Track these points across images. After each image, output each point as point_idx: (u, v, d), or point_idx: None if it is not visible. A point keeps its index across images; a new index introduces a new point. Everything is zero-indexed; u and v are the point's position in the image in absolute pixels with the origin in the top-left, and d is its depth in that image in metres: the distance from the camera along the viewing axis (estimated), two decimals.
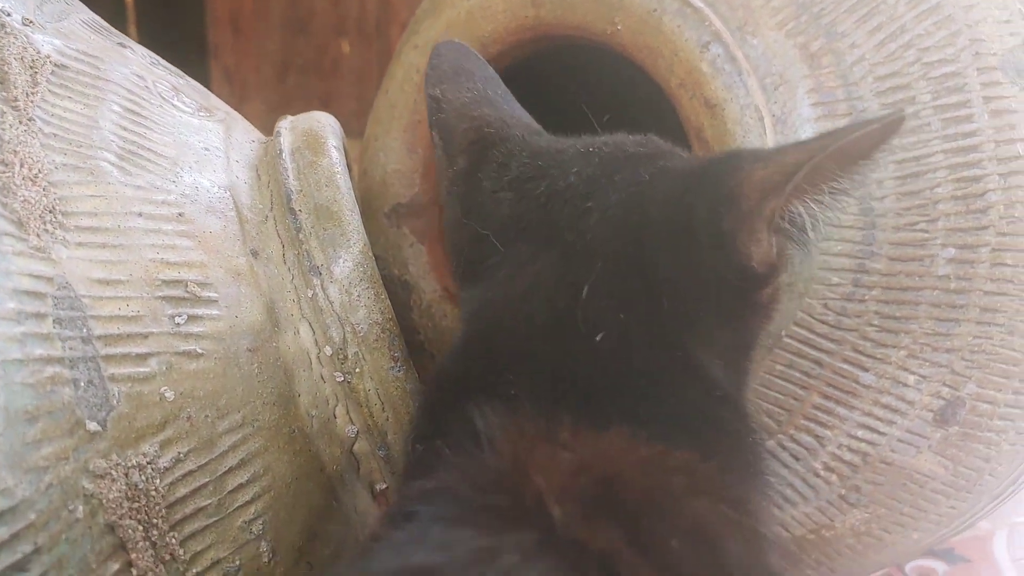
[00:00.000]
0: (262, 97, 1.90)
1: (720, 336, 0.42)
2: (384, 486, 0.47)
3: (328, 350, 0.44)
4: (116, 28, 0.52)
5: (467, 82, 0.50)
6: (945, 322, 0.55)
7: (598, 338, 0.38)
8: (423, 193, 0.66)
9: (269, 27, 1.94)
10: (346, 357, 0.44)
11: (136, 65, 0.47)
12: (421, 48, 0.64)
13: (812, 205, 0.39)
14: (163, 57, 0.53)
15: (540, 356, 0.39)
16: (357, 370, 0.44)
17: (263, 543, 0.41)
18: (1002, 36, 0.55)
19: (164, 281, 0.39)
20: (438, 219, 0.66)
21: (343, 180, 0.46)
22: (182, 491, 0.38)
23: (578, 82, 0.77)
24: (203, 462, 0.38)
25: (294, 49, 1.90)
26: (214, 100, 0.51)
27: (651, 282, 0.40)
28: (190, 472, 0.38)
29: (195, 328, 0.39)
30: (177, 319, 0.39)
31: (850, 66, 0.55)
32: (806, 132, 0.55)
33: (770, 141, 0.54)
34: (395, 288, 0.65)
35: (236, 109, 0.55)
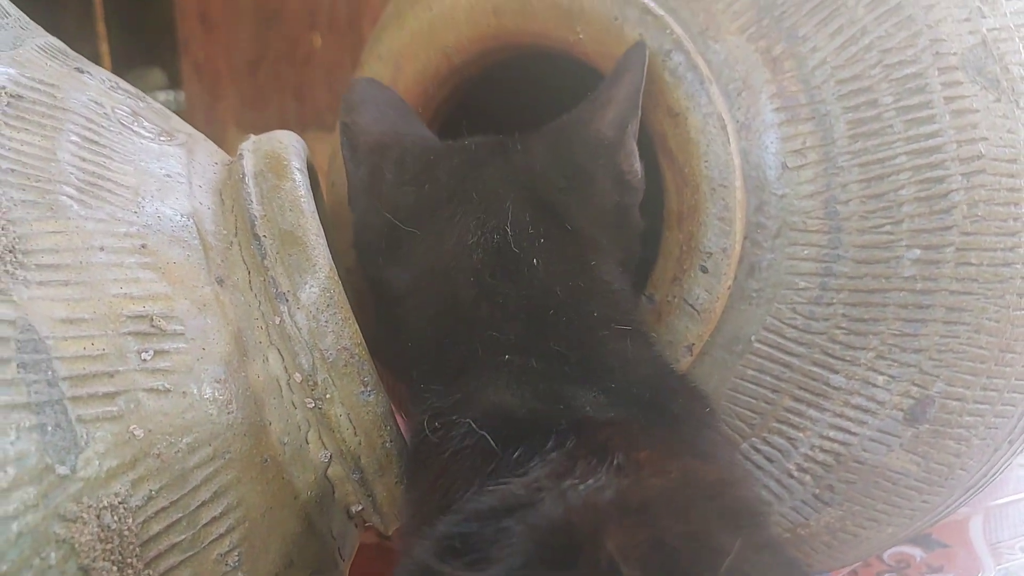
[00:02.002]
0: (234, 91, 1.89)
1: (614, 251, 0.53)
2: (360, 507, 0.47)
3: (298, 377, 0.44)
4: (84, 26, 0.52)
5: (372, 109, 0.58)
6: (912, 322, 0.55)
7: (535, 261, 0.48)
8: None
9: (239, 20, 1.92)
10: (316, 383, 0.44)
11: (94, 91, 0.47)
12: (385, 58, 0.64)
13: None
14: (134, 53, 0.53)
15: (503, 300, 0.48)
16: (328, 396, 0.44)
17: (240, 574, 0.41)
18: (961, 35, 0.56)
19: (129, 316, 0.39)
20: None
21: (307, 204, 0.46)
22: (155, 528, 0.38)
23: (548, 91, 0.77)
24: (175, 498, 0.38)
25: (265, 42, 1.88)
26: (175, 122, 0.51)
27: (554, 215, 0.51)
28: (163, 509, 0.38)
29: (162, 363, 0.39)
30: (143, 355, 0.39)
31: (812, 70, 0.56)
32: (770, 137, 0.55)
33: (733, 147, 0.54)
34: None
35: (209, 103, 0.55)
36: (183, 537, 0.39)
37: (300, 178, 0.47)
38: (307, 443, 0.44)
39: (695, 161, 0.54)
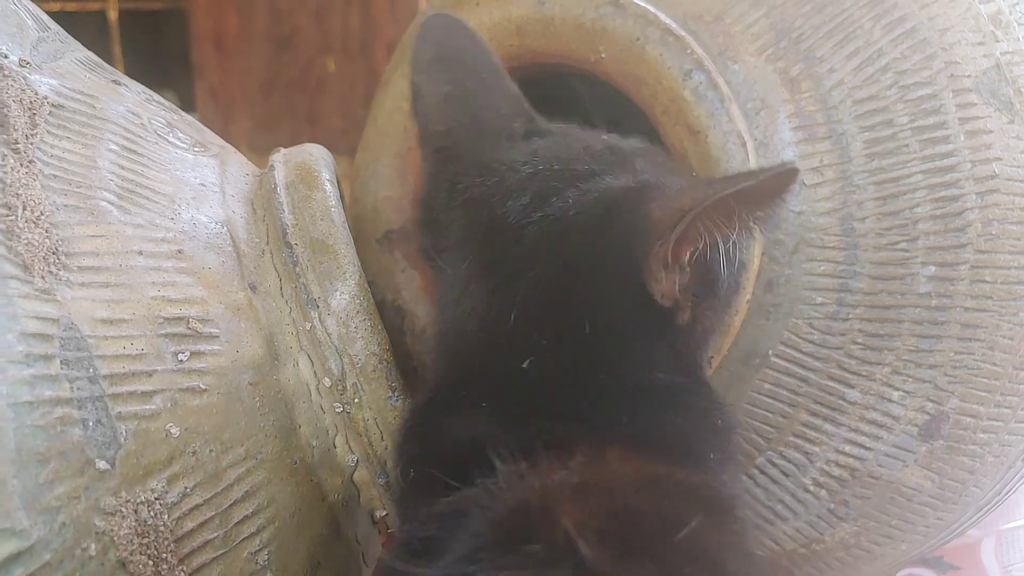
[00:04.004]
0: (248, 115, 1.91)
1: (657, 351, 0.44)
2: (384, 513, 0.48)
3: (327, 381, 0.45)
4: (100, 48, 0.53)
5: (446, 72, 0.52)
6: (927, 339, 0.56)
7: (524, 364, 0.41)
8: (414, 219, 0.67)
9: (253, 45, 1.95)
10: (345, 388, 0.45)
11: (131, 102, 0.48)
12: (409, 76, 0.65)
13: (718, 241, 0.41)
14: (148, 76, 0.54)
15: (498, 380, 0.42)
16: (356, 400, 0.45)
17: (269, 573, 0.42)
18: (976, 58, 0.57)
19: (166, 319, 0.40)
20: None
21: (337, 214, 0.47)
22: (190, 525, 0.38)
23: (575, 105, 0.78)
24: (209, 496, 0.39)
25: (279, 67, 1.90)
26: (208, 135, 0.52)
27: (575, 308, 0.42)
28: (197, 506, 0.39)
29: (198, 364, 0.40)
30: (180, 356, 0.40)
31: (829, 90, 0.57)
32: (787, 155, 0.56)
33: (752, 164, 0.55)
34: (389, 313, 0.66)
35: (222, 127, 0.56)
36: (216, 535, 0.39)
37: (331, 188, 0.48)
38: (335, 447, 0.45)
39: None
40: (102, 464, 0.35)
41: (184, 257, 0.43)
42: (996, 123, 0.57)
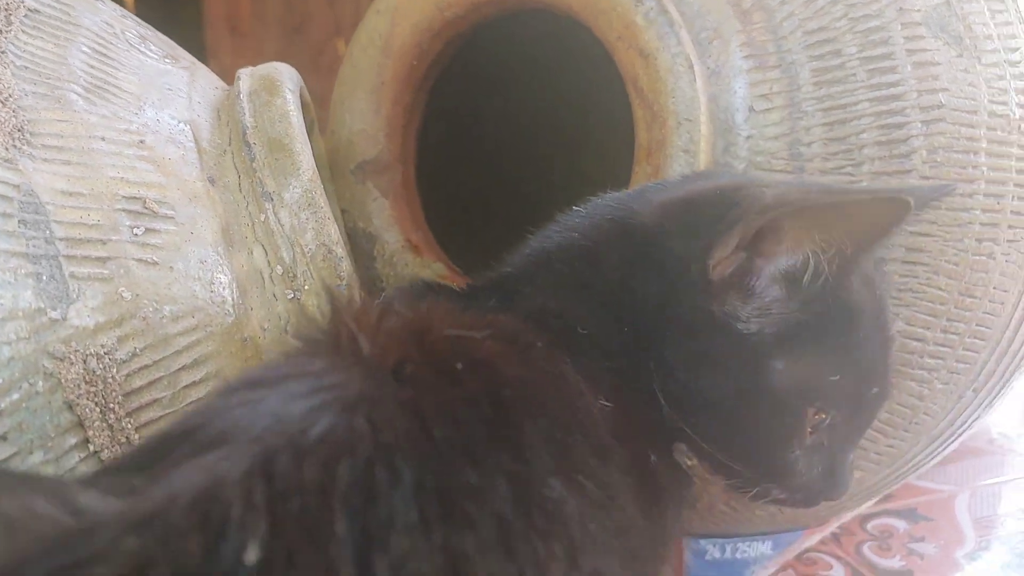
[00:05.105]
0: None
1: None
2: None
3: (279, 269, 0.47)
4: None
5: None
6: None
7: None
8: (387, 151, 0.69)
9: (266, 28, 1.97)
10: (295, 275, 0.47)
11: (107, 15, 0.51)
12: (383, 12, 0.68)
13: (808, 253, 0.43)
14: None
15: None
16: (306, 287, 0.47)
17: None
18: None
19: (124, 196, 0.43)
20: (401, 176, 0.70)
21: (296, 117, 0.50)
22: (138, 383, 0.41)
23: (540, 50, 0.81)
24: (158, 358, 0.42)
25: (291, 50, 1.93)
26: (181, 52, 0.55)
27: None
28: (145, 366, 0.42)
29: (152, 240, 0.43)
30: (135, 230, 0.43)
31: (780, 21, 0.59)
32: (738, 82, 0.59)
33: (700, 85, 0.57)
34: (360, 240, 0.68)
35: None
36: (163, 395, 0.42)
37: (290, 96, 0.51)
38: (286, 332, 0.48)
39: (663, 98, 0.57)
40: (54, 314, 0.38)
41: (145, 147, 0.46)
42: (944, 56, 0.59)
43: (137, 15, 0.52)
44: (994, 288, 0.59)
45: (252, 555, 0.24)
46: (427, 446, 0.30)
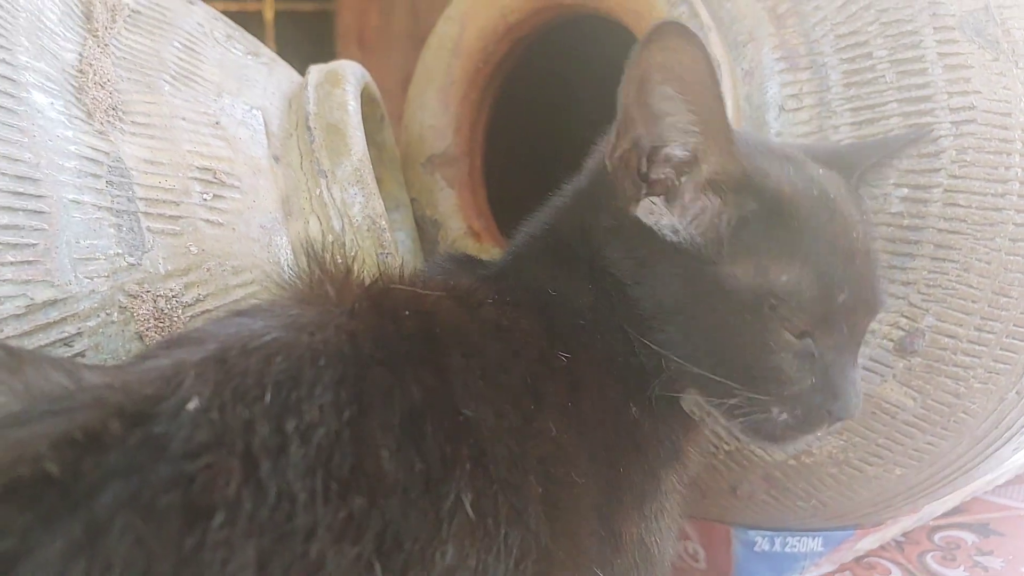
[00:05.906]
0: (386, 108, 2.05)
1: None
2: None
3: (330, 237, 0.54)
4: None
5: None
6: (900, 256, 0.60)
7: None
8: (455, 145, 0.76)
9: (392, 42, 2.08)
10: (344, 243, 0.54)
11: (200, 17, 0.60)
12: (453, 19, 0.75)
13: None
14: (299, 70, 0.65)
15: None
16: (352, 254, 0.54)
17: None
18: (962, 0, 0.61)
19: (197, 167, 0.51)
20: (468, 168, 0.76)
21: (352, 106, 0.56)
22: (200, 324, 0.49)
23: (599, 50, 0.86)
24: (218, 304, 0.49)
25: (414, 62, 2.02)
26: (264, 49, 0.63)
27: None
28: (207, 310, 0.49)
29: (219, 204, 0.51)
30: (205, 196, 0.50)
31: (813, 26, 0.63)
32: (770, 83, 0.62)
33: (727, 85, 0.61)
34: (426, 226, 0.75)
35: None
36: None
37: (350, 88, 0.58)
38: None
39: None
40: (130, 259, 0.46)
41: (220, 127, 0.53)
42: (978, 59, 0.61)
43: (276, 31, 0.60)
44: None
45: (193, 404, 0.32)
46: (353, 356, 0.37)
